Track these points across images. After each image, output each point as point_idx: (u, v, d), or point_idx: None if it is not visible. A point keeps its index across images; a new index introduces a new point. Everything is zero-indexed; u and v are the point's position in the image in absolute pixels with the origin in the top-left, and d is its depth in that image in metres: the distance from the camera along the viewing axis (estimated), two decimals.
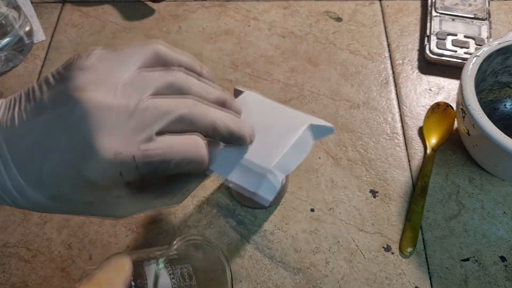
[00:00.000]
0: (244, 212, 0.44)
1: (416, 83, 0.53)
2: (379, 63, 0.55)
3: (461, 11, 0.57)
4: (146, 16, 0.60)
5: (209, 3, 0.62)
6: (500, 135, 0.38)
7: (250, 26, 0.59)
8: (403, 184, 0.45)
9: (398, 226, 0.43)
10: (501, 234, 0.42)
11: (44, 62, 0.56)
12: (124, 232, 0.42)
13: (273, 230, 0.42)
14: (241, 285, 0.39)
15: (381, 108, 0.51)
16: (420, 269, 0.40)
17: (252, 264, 0.41)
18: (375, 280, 0.40)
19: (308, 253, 0.41)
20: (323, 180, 0.46)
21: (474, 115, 0.39)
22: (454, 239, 0.42)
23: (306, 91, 0.53)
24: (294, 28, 0.59)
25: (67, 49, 0.56)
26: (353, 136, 0.49)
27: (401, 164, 0.47)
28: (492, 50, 0.43)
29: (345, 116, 0.50)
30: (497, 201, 0.44)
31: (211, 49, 0.57)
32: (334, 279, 0.40)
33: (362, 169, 0.46)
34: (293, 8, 0.61)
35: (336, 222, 0.43)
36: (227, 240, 0.42)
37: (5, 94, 0.52)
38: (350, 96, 0.52)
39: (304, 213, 0.43)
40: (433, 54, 0.54)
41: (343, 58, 0.56)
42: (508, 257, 0.41)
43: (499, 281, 0.39)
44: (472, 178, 0.46)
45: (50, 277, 0.40)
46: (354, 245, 0.42)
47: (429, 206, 0.44)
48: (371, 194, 0.45)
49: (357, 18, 0.60)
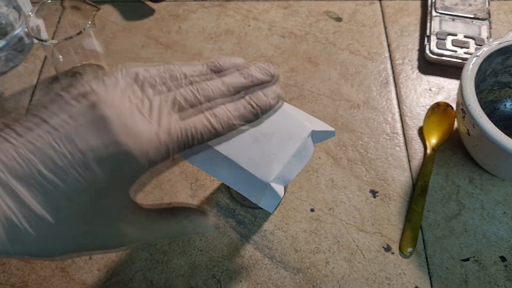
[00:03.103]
0: (244, 212, 0.44)
1: (416, 83, 0.53)
2: (379, 63, 0.55)
3: (461, 11, 0.57)
4: (146, 16, 0.60)
5: (209, 3, 0.62)
6: (500, 135, 0.38)
7: (250, 26, 0.59)
8: (403, 184, 0.45)
9: (398, 226, 0.43)
10: (501, 234, 0.42)
11: (44, 62, 0.56)
12: None
13: (273, 230, 0.43)
14: (241, 285, 0.39)
15: (381, 108, 0.51)
16: (420, 269, 0.40)
17: (252, 264, 0.41)
18: (375, 280, 0.40)
19: (308, 253, 0.41)
20: (323, 180, 0.46)
21: (474, 115, 0.39)
22: (454, 239, 0.42)
23: (306, 91, 0.53)
24: (294, 28, 0.59)
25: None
26: (353, 136, 0.49)
27: (401, 164, 0.47)
28: (492, 50, 0.43)
29: (345, 116, 0.50)
30: (497, 201, 0.44)
31: (211, 49, 0.57)
32: (334, 279, 0.40)
33: (362, 169, 0.46)
34: (293, 8, 0.61)
35: (336, 222, 0.43)
36: (227, 240, 0.42)
37: (5, 94, 0.52)
38: (350, 96, 0.52)
39: (304, 213, 0.43)
40: (433, 54, 0.54)
41: (343, 58, 0.56)
42: (508, 257, 0.41)
43: (499, 281, 0.39)
44: (472, 178, 0.46)
45: (50, 277, 0.40)
46: (354, 245, 0.42)
47: (429, 206, 0.44)
48: (371, 194, 0.45)
49: (357, 18, 0.60)
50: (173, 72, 0.28)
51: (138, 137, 0.25)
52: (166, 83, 0.28)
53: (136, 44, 0.57)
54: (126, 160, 0.24)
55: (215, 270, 0.40)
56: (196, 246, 0.41)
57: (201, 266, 0.40)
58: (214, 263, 0.41)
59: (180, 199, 0.44)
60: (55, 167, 0.23)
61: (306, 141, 0.31)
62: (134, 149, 0.24)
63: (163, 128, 0.25)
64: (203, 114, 0.27)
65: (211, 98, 0.28)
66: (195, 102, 0.27)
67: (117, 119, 0.24)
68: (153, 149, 0.25)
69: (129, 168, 0.25)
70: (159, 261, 0.41)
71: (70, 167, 0.23)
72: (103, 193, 0.25)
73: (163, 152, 0.25)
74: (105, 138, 0.24)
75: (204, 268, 0.40)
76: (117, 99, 0.25)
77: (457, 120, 0.46)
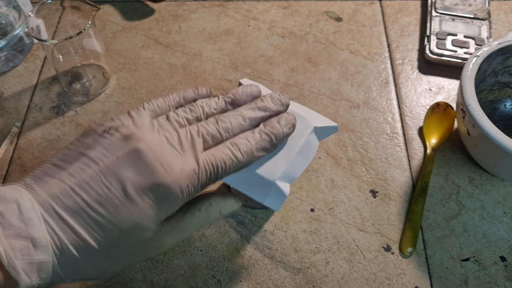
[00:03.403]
0: (244, 212, 0.44)
1: (416, 83, 0.53)
2: (379, 63, 0.55)
3: (461, 11, 0.57)
4: (146, 16, 0.60)
5: (209, 3, 0.62)
6: (500, 135, 0.38)
7: (250, 26, 0.59)
8: (403, 184, 0.45)
9: (398, 226, 0.43)
10: (501, 234, 0.42)
11: (44, 62, 0.56)
12: None
13: (273, 230, 0.43)
14: (241, 285, 0.39)
15: (381, 108, 0.51)
16: (420, 269, 0.40)
17: (252, 264, 0.41)
18: (375, 280, 0.40)
19: (308, 253, 0.41)
20: (323, 180, 0.46)
21: (474, 115, 0.39)
22: (454, 239, 0.42)
23: (306, 91, 0.53)
24: (294, 28, 0.59)
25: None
26: (353, 136, 0.49)
27: (401, 164, 0.47)
28: (492, 50, 0.43)
29: (345, 116, 0.50)
30: (497, 201, 0.44)
31: (211, 49, 0.57)
32: (334, 279, 0.40)
33: (362, 169, 0.46)
34: (293, 8, 0.61)
35: (336, 222, 0.43)
36: (227, 240, 0.42)
37: (5, 94, 0.52)
38: (350, 96, 0.52)
39: (304, 213, 0.43)
40: (433, 54, 0.54)
41: (343, 58, 0.56)
42: (508, 257, 0.41)
43: (499, 281, 0.39)
44: (472, 178, 0.46)
45: None
46: (354, 245, 0.42)
47: (429, 206, 0.44)
48: (371, 194, 0.45)
49: (357, 18, 0.60)
50: (192, 107, 0.30)
51: (171, 168, 0.26)
52: (188, 118, 0.29)
53: (136, 44, 0.57)
54: (161, 190, 0.26)
55: (215, 270, 0.40)
56: (196, 246, 0.41)
57: (201, 266, 0.40)
58: (214, 263, 0.41)
59: None
60: (99, 198, 0.25)
61: (309, 137, 0.31)
62: (169, 180, 0.26)
63: (194, 160, 0.27)
64: (226, 146, 0.28)
65: (231, 131, 0.29)
66: (217, 135, 0.28)
67: (150, 152, 0.26)
68: (186, 180, 0.26)
69: (164, 199, 0.26)
70: (159, 261, 0.41)
71: (113, 197, 0.25)
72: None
73: (196, 183, 0.27)
74: (141, 170, 0.26)
75: (204, 268, 0.40)
76: (147, 131, 0.27)
77: (457, 120, 0.46)
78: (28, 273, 0.24)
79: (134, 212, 0.25)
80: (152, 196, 0.26)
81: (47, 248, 0.24)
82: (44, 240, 0.24)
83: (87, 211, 0.25)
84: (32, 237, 0.24)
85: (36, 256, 0.24)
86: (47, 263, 0.24)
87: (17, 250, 0.24)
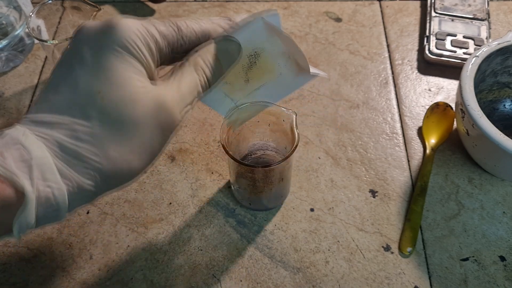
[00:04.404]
0: (244, 212, 0.44)
1: (415, 83, 0.53)
2: (379, 63, 0.55)
3: (461, 12, 0.57)
4: (146, 16, 0.60)
5: (209, 3, 0.62)
6: (499, 135, 0.38)
7: None
8: (402, 184, 0.45)
9: (397, 225, 0.43)
10: (500, 234, 0.42)
11: (45, 62, 0.56)
12: (125, 232, 0.42)
13: (273, 229, 0.43)
14: (241, 284, 0.40)
15: (380, 108, 0.51)
16: (419, 269, 0.40)
17: (252, 263, 0.41)
18: (374, 279, 0.40)
19: (308, 252, 0.41)
20: (323, 180, 0.46)
21: (474, 115, 0.39)
22: (454, 239, 0.42)
23: (306, 91, 0.53)
24: (294, 28, 0.59)
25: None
26: (352, 136, 0.49)
27: (401, 164, 0.47)
28: (492, 51, 0.43)
29: (344, 116, 0.51)
30: (497, 201, 0.44)
31: None
32: (334, 278, 0.40)
33: (361, 169, 0.47)
34: (293, 8, 0.61)
35: (335, 222, 0.43)
36: (227, 240, 0.42)
37: (5, 94, 0.53)
38: (349, 96, 0.52)
39: (304, 213, 0.44)
40: (433, 54, 0.54)
41: (342, 58, 0.56)
42: (507, 256, 0.41)
43: (499, 280, 0.40)
44: (472, 178, 0.46)
45: (50, 276, 0.40)
46: (354, 245, 0.42)
47: (429, 206, 0.44)
48: (371, 194, 0.45)
49: (357, 18, 0.60)
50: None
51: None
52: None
53: None
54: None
55: (215, 270, 0.40)
56: (196, 246, 0.42)
57: (201, 266, 0.40)
58: (214, 263, 0.41)
59: (180, 198, 0.44)
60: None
61: (255, 25, 0.32)
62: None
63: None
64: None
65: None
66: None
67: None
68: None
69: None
70: (160, 260, 0.41)
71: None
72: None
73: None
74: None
75: (204, 267, 0.40)
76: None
77: (456, 120, 0.47)
78: (28, 174, 0.21)
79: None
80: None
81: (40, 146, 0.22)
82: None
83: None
84: (21, 142, 0.22)
85: (28, 155, 0.22)
86: (46, 159, 0.22)
87: (7, 154, 0.21)
